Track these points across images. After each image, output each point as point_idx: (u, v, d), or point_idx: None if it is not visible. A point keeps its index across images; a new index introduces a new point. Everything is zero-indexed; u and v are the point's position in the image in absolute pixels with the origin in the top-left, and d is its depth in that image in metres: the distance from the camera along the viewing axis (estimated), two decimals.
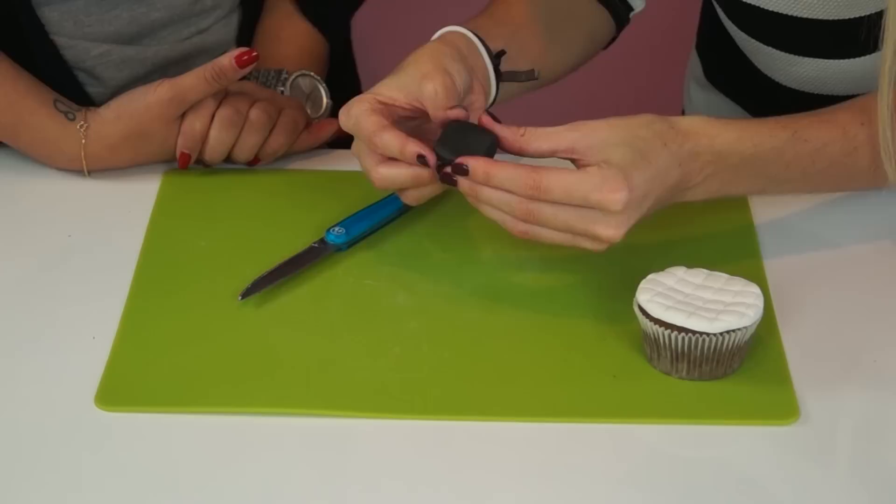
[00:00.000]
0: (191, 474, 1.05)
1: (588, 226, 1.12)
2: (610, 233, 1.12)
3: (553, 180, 1.11)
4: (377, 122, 1.17)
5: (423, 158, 1.16)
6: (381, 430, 1.08)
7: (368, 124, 1.17)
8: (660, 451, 1.07)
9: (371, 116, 1.18)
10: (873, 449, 1.08)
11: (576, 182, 1.11)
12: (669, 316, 1.09)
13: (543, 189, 1.11)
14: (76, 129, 1.33)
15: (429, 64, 1.21)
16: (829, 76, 1.35)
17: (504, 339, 1.16)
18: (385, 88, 1.21)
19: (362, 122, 1.18)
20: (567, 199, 1.11)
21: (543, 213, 1.12)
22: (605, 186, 1.11)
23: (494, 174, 1.12)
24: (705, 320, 1.09)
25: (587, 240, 1.13)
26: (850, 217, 1.29)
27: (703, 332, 1.09)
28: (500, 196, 1.12)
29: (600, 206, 1.11)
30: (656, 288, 1.11)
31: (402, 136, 1.17)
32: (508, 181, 1.12)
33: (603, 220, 1.12)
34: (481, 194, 1.13)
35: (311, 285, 1.21)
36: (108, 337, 1.16)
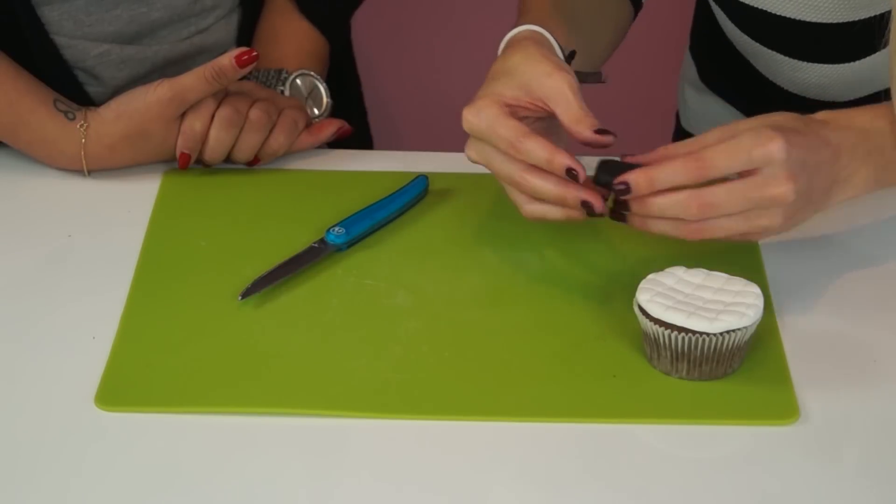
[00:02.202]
0: (191, 474, 1.05)
1: (762, 190, 1.09)
2: (782, 188, 1.08)
3: (713, 151, 1.08)
4: (517, 127, 1.13)
5: (573, 172, 1.12)
6: (380, 430, 1.08)
7: (507, 129, 1.13)
8: (660, 451, 1.07)
9: (509, 120, 1.13)
10: (874, 449, 1.08)
11: (735, 144, 1.08)
12: (669, 316, 1.09)
13: (708, 163, 1.08)
14: (76, 128, 1.33)
15: (545, 63, 1.17)
16: (833, 81, 1.35)
17: (504, 339, 1.16)
18: (506, 89, 1.17)
19: (499, 126, 1.13)
20: (731, 164, 1.08)
21: (717, 196, 1.09)
22: (762, 138, 1.08)
23: (656, 176, 1.09)
24: (705, 320, 1.09)
25: (764, 213, 1.10)
26: (850, 217, 1.29)
27: (703, 332, 1.09)
28: (671, 200, 1.09)
29: (764, 160, 1.08)
30: (656, 288, 1.11)
31: (549, 146, 1.12)
32: (673, 173, 1.08)
33: (772, 178, 1.09)
34: (651, 208, 1.10)
35: (310, 285, 1.21)
36: (108, 337, 1.16)
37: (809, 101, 1.38)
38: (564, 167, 1.12)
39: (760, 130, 1.09)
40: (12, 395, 1.11)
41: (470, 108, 1.16)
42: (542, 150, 1.12)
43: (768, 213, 1.11)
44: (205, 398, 1.10)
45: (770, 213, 1.11)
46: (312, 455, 1.06)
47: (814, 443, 1.07)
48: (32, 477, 1.04)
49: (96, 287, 1.21)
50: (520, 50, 1.20)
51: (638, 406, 1.10)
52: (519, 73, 1.18)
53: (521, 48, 1.20)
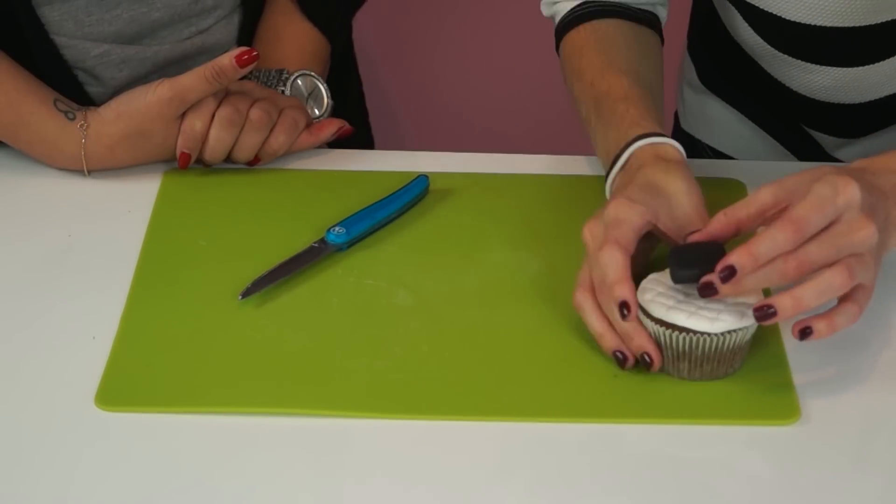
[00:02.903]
0: (190, 474, 1.05)
1: (849, 236, 1.08)
2: (867, 230, 1.07)
3: (801, 209, 1.07)
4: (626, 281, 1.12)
5: (649, 357, 1.12)
6: (380, 430, 1.08)
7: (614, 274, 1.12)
8: (661, 451, 1.07)
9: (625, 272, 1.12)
10: (874, 449, 1.07)
11: (817, 197, 1.07)
12: (671, 316, 1.09)
13: (803, 223, 1.07)
14: (76, 128, 1.33)
15: (702, 205, 1.17)
16: (845, 84, 1.34)
17: (504, 339, 1.16)
18: (664, 216, 1.15)
19: (610, 268, 1.12)
20: (822, 218, 1.07)
21: (810, 254, 1.08)
22: (840, 185, 1.08)
23: (758, 251, 1.07)
24: (706, 320, 1.09)
25: (858, 261, 1.08)
26: None
27: (705, 333, 1.09)
28: (766, 270, 1.07)
29: (846, 206, 1.07)
30: (657, 287, 1.11)
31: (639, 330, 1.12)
32: (773, 243, 1.07)
33: (855, 222, 1.08)
34: (746, 284, 1.08)
35: (311, 285, 1.21)
36: (108, 337, 1.16)
37: (817, 103, 1.38)
38: (620, 301, 1.11)
39: (833, 179, 1.08)
40: (13, 395, 1.11)
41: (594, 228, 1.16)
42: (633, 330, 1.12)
43: (861, 261, 1.09)
44: (205, 398, 1.10)
45: (863, 261, 1.09)
46: (312, 455, 1.06)
47: (815, 443, 1.07)
48: (33, 476, 1.04)
49: (96, 287, 1.21)
50: (677, 175, 1.18)
51: (638, 406, 1.10)
52: (676, 204, 1.16)
53: (676, 172, 1.18)
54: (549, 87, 2.21)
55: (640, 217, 1.14)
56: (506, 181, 1.34)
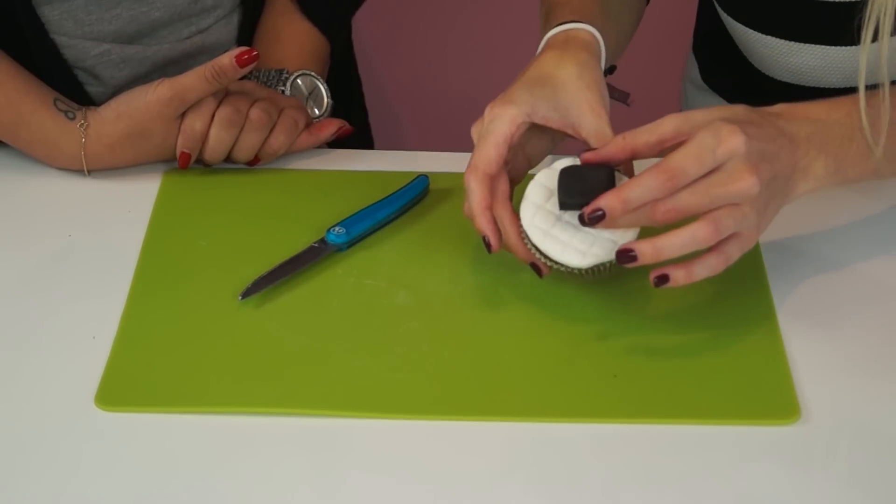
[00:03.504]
0: (190, 474, 1.05)
1: (726, 185, 1.08)
2: (746, 181, 1.08)
3: (680, 158, 1.08)
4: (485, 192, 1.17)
5: (486, 240, 1.17)
6: (380, 430, 1.08)
7: (477, 190, 1.17)
8: (661, 451, 1.07)
9: (485, 186, 1.17)
10: (875, 449, 1.07)
11: (697, 146, 1.08)
12: (546, 245, 1.13)
13: (678, 172, 1.07)
14: (76, 128, 1.33)
15: (592, 93, 1.18)
16: (828, 64, 1.34)
17: (504, 339, 1.16)
18: (540, 105, 1.18)
19: (474, 183, 1.17)
20: (699, 168, 1.08)
21: (681, 200, 1.08)
22: (723, 134, 1.08)
23: (629, 197, 1.08)
24: (578, 253, 1.13)
25: (732, 212, 1.09)
26: (852, 216, 1.29)
27: (577, 268, 1.13)
28: (636, 214, 1.09)
29: (727, 156, 1.08)
30: (538, 199, 1.14)
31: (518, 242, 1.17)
32: (646, 191, 1.08)
33: (735, 172, 1.08)
34: (619, 226, 1.10)
35: (311, 285, 1.21)
36: (108, 337, 1.16)
37: (804, 90, 1.37)
38: (481, 234, 1.17)
39: (719, 127, 1.09)
40: (13, 395, 1.11)
41: (477, 128, 1.19)
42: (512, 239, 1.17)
43: (737, 212, 1.09)
44: (205, 398, 1.10)
45: (739, 212, 1.09)
46: (312, 455, 1.06)
47: (815, 443, 1.07)
48: (32, 476, 1.04)
49: (96, 287, 1.21)
50: (569, 61, 1.20)
51: (638, 406, 1.10)
52: (562, 93, 1.18)
53: (570, 57, 1.20)
54: None
55: (508, 124, 1.17)
56: None
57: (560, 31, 1.23)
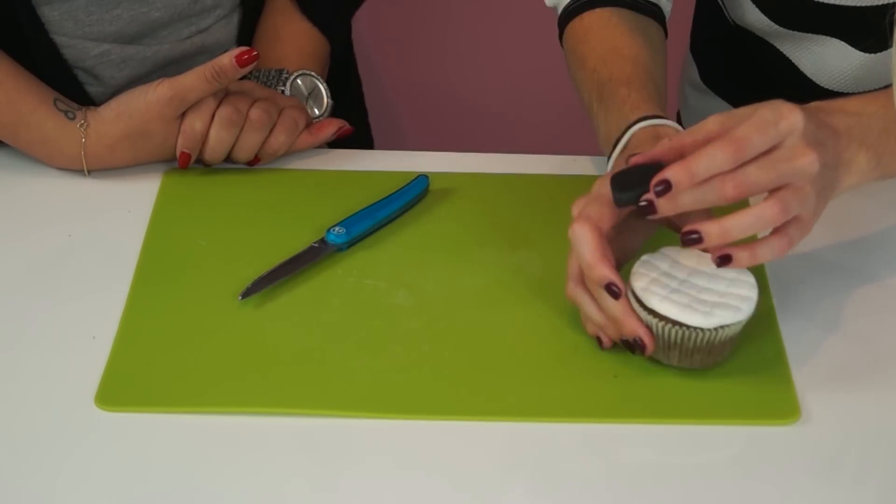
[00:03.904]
0: (190, 474, 1.05)
1: (789, 162, 1.07)
2: (808, 157, 1.06)
3: (743, 130, 1.06)
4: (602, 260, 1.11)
5: (614, 289, 1.10)
6: (380, 430, 1.08)
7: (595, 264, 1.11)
8: (661, 451, 1.07)
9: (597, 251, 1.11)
10: (875, 449, 1.07)
11: (760, 120, 1.07)
12: (664, 308, 1.09)
13: (743, 142, 1.06)
14: (76, 128, 1.33)
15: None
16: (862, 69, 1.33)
17: (504, 339, 1.16)
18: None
19: (587, 236, 1.10)
20: (763, 139, 1.06)
21: (749, 173, 1.06)
22: (784, 111, 1.07)
23: (695, 167, 1.06)
24: (700, 315, 1.09)
25: (794, 193, 1.07)
26: (851, 215, 1.29)
27: (699, 328, 1.09)
28: (704, 187, 1.06)
29: (788, 131, 1.07)
30: (650, 273, 1.11)
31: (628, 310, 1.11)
32: (711, 160, 1.06)
33: (796, 148, 1.07)
34: (683, 201, 1.07)
35: (311, 285, 1.21)
36: (108, 337, 1.16)
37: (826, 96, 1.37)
38: (603, 281, 1.10)
39: (778, 104, 1.08)
40: (12, 395, 1.11)
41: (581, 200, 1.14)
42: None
43: (800, 194, 1.08)
44: (205, 398, 1.10)
45: (801, 193, 1.08)
46: (312, 454, 1.06)
47: (815, 443, 1.07)
48: (32, 476, 1.04)
49: (96, 287, 1.21)
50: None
51: (638, 406, 1.10)
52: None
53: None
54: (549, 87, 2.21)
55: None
56: (506, 181, 1.34)
57: (647, 128, 1.21)
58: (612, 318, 1.11)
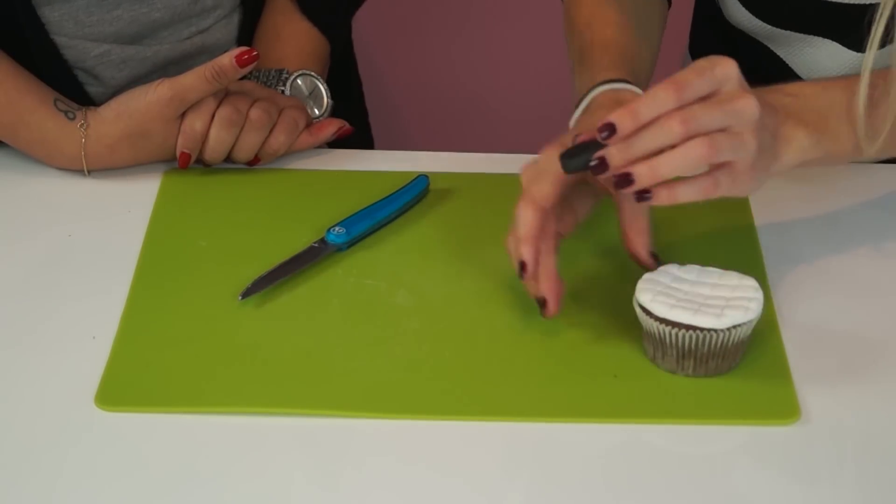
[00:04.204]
0: (190, 474, 1.05)
1: (731, 102, 1.08)
2: (747, 99, 1.08)
3: (682, 74, 1.08)
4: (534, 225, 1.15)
5: (542, 302, 1.15)
6: (380, 430, 1.08)
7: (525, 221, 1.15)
8: (660, 450, 1.07)
9: (535, 217, 1.15)
10: (874, 450, 1.07)
11: (696, 65, 1.09)
12: (675, 314, 1.09)
13: (683, 83, 1.07)
14: (76, 128, 1.33)
15: None
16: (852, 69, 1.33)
17: (504, 339, 1.16)
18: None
19: (528, 216, 1.14)
20: (701, 81, 1.08)
21: (695, 111, 1.07)
22: (717, 58, 1.09)
23: (638, 109, 1.07)
24: (711, 316, 1.09)
25: (728, 137, 1.08)
26: (851, 214, 1.29)
27: (712, 329, 1.09)
28: (653, 128, 1.07)
29: (724, 77, 1.08)
30: (655, 287, 1.11)
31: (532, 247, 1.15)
32: (654, 100, 1.07)
33: (735, 92, 1.08)
34: (634, 146, 1.07)
35: (311, 285, 1.21)
36: (108, 337, 1.16)
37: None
38: (519, 259, 1.14)
39: (713, 56, 1.10)
40: (12, 395, 1.11)
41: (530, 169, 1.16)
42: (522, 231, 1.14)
43: (735, 138, 1.08)
44: (205, 398, 1.10)
45: (737, 138, 1.08)
46: (312, 454, 1.06)
47: (815, 442, 1.07)
48: (32, 477, 1.04)
49: (96, 287, 1.21)
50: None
51: (639, 406, 1.10)
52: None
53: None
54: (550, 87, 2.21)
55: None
56: (506, 181, 1.34)
57: (607, 91, 1.23)
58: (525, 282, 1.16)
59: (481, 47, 2.44)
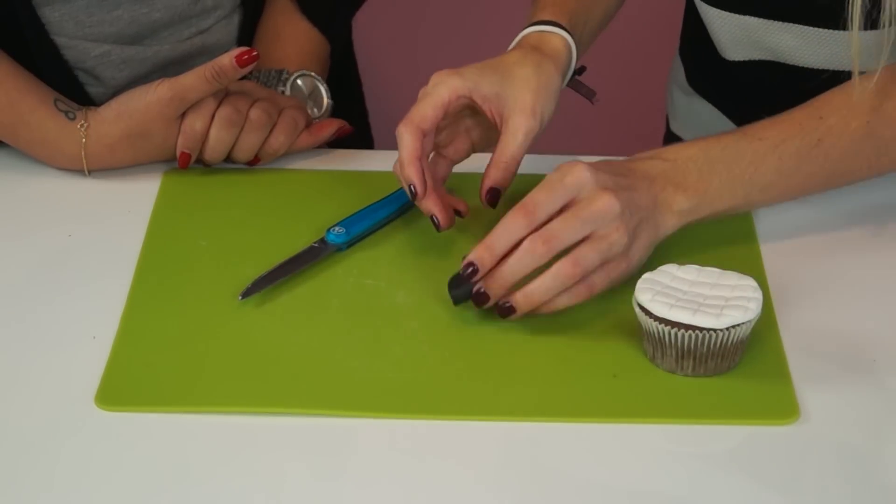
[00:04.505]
0: (190, 474, 1.05)
1: (588, 207, 1.13)
2: (604, 200, 1.13)
3: (531, 196, 1.13)
4: (414, 143, 1.21)
5: (412, 189, 1.20)
6: (380, 430, 1.08)
7: (407, 140, 1.21)
8: (660, 450, 1.07)
9: (415, 139, 1.21)
10: (873, 449, 1.07)
11: (545, 182, 1.14)
12: (675, 314, 1.09)
13: (532, 206, 1.13)
14: (76, 128, 1.33)
15: (535, 95, 1.23)
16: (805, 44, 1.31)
17: (504, 338, 1.16)
18: (485, 88, 1.23)
19: (407, 137, 1.21)
20: (552, 198, 1.13)
21: (553, 228, 1.13)
22: (565, 167, 1.14)
23: (493, 241, 1.13)
24: (711, 316, 1.09)
25: (604, 234, 1.13)
26: (850, 215, 1.29)
27: (711, 329, 1.09)
28: (517, 254, 1.13)
29: (576, 185, 1.13)
30: (654, 287, 1.11)
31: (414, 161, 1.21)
32: (506, 230, 1.13)
33: (591, 196, 1.13)
34: (504, 275, 1.13)
35: (311, 285, 1.21)
36: (108, 337, 1.16)
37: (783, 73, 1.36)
38: (408, 182, 1.20)
39: (564, 165, 1.15)
40: (12, 395, 1.11)
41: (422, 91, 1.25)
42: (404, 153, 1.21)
43: (600, 243, 1.13)
44: (205, 398, 1.10)
45: (603, 242, 1.13)
46: (312, 454, 1.06)
47: (813, 442, 1.07)
48: (32, 476, 1.04)
49: (96, 287, 1.21)
50: (529, 62, 1.25)
51: (638, 406, 1.10)
52: (508, 84, 1.23)
53: (532, 61, 1.25)
54: None
55: (448, 91, 1.22)
56: None
57: (534, 33, 1.28)
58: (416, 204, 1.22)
59: (482, 48, 2.43)
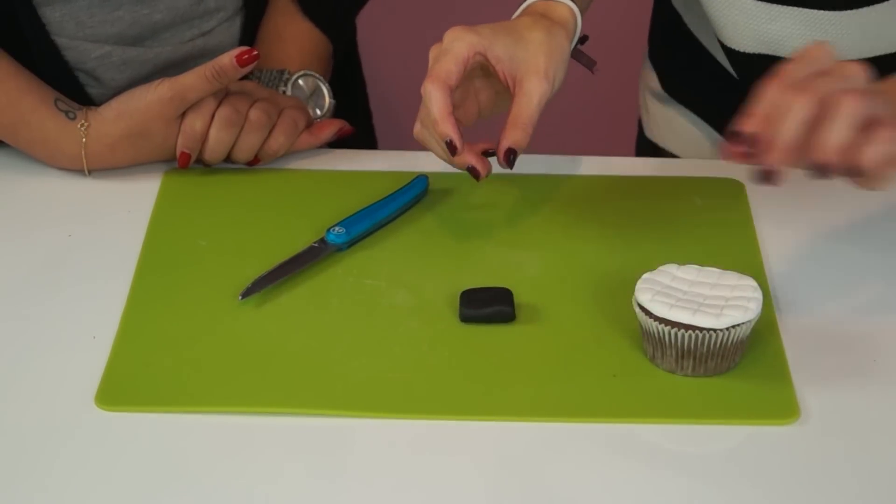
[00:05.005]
0: (191, 474, 1.05)
1: (839, 69, 1.06)
2: (854, 66, 1.06)
3: (788, 72, 1.07)
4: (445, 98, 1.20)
5: (452, 143, 1.20)
6: (380, 430, 1.08)
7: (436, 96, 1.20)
8: (660, 450, 1.07)
9: (445, 94, 1.20)
10: (873, 449, 1.07)
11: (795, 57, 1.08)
12: (674, 314, 1.09)
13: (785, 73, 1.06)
14: (76, 128, 1.33)
15: (548, 58, 1.22)
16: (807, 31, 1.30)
17: (503, 339, 1.16)
18: (499, 49, 1.22)
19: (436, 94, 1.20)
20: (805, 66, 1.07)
21: (814, 82, 1.05)
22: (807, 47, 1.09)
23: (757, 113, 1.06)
24: (711, 316, 1.09)
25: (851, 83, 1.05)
26: (850, 215, 1.29)
27: (711, 329, 1.09)
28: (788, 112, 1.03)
29: (818, 55, 1.07)
30: (654, 287, 1.11)
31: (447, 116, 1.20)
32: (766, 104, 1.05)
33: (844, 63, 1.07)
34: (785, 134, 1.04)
35: (311, 285, 1.21)
36: (108, 337, 1.16)
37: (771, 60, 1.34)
38: (445, 138, 1.20)
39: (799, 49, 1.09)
40: (13, 395, 1.11)
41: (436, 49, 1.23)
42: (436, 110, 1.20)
43: (870, 95, 1.05)
44: (205, 398, 1.10)
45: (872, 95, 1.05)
46: (312, 454, 1.06)
47: (814, 442, 1.07)
48: (33, 476, 1.04)
49: (96, 287, 1.21)
50: (540, 27, 1.24)
51: (638, 406, 1.10)
52: (522, 46, 1.23)
53: (542, 26, 1.24)
54: None
55: (467, 47, 1.21)
56: (506, 181, 1.34)
57: (539, 1, 1.28)
58: (447, 160, 1.23)
59: None
